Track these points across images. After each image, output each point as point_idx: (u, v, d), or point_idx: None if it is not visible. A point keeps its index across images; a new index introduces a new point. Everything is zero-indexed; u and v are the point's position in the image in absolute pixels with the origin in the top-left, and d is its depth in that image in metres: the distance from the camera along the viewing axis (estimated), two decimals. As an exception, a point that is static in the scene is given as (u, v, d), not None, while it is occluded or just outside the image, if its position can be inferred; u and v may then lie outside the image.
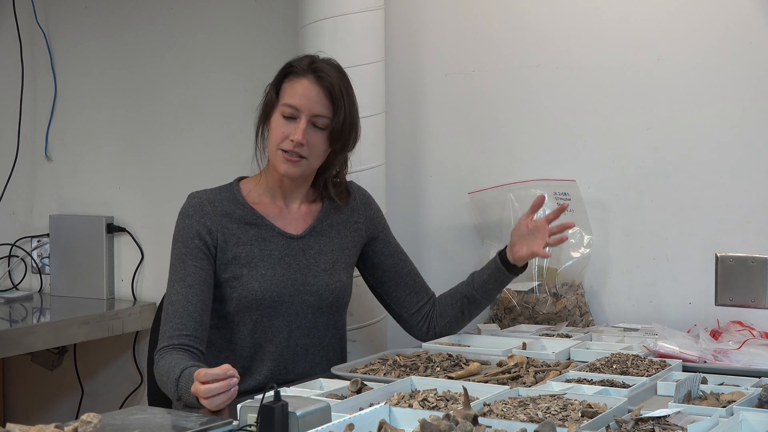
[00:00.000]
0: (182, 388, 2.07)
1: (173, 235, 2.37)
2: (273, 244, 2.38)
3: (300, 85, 2.34)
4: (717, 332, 2.53)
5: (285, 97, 2.34)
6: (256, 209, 2.40)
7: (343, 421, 1.59)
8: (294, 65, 2.37)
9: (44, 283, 3.81)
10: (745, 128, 2.67)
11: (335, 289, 2.42)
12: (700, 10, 2.71)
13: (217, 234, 2.34)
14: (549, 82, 2.90)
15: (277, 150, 2.34)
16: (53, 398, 3.87)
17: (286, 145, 2.33)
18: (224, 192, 2.41)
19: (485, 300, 2.53)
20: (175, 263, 2.33)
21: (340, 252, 2.45)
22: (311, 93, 2.34)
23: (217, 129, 3.46)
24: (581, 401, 1.77)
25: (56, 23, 3.78)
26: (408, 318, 2.56)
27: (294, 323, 2.37)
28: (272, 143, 2.36)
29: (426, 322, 2.55)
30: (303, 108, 2.33)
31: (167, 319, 2.26)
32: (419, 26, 3.08)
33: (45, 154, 3.83)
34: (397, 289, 2.55)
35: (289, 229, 2.41)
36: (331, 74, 2.36)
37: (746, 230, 2.66)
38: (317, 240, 2.43)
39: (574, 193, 2.80)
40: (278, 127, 2.34)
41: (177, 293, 2.28)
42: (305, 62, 2.37)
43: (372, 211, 2.54)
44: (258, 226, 2.38)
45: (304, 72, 2.35)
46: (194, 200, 2.38)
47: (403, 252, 2.59)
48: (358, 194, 2.54)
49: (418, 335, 2.57)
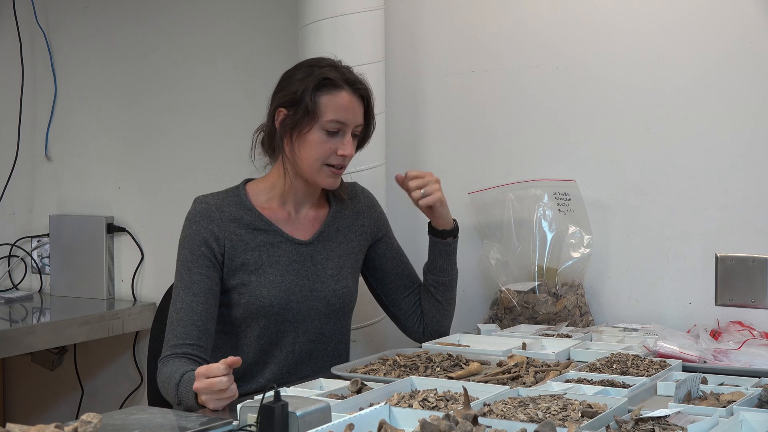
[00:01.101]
0: (182, 391, 2.06)
1: (179, 241, 2.34)
2: (281, 251, 2.37)
3: (342, 99, 2.32)
4: (717, 332, 2.53)
5: (329, 113, 2.30)
6: (264, 214, 2.38)
7: (343, 421, 1.59)
8: (329, 77, 2.31)
9: (44, 283, 3.81)
10: (745, 128, 2.67)
11: (342, 294, 2.41)
12: (701, 10, 2.71)
13: (224, 241, 2.32)
14: (549, 82, 2.90)
15: (322, 165, 2.32)
16: (53, 398, 3.87)
17: (335, 160, 2.32)
18: (231, 196, 2.38)
19: (447, 276, 2.53)
20: (180, 270, 2.31)
21: (347, 257, 2.45)
22: (354, 106, 2.34)
23: (217, 129, 3.46)
24: (581, 401, 1.77)
25: (56, 23, 3.78)
26: (405, 320, 2.56)
27: (300, 329, 2.37)
28: (312, 158, 2.32)
29: (419, 322, 2.56)
30: (350, 122, 2.33)
31: (171, 327, 2.25)
32: (419, 26, 3.08)
33: (45, 154, 3.83)
34: (396, 291, 2.55)
35: (297, 234, 2.40)
36: (362, 83, 2.37)
37: (746, 230, 2.66)
38: (324, 245, 2.42)
39: (574, 193, 2.80)
40: (323, 143, 2.31)
41: (182, 301, 2.27)
42: (335, 73, 2.33)
43: (376, 213, 2.55)
44: (266, 232, 2.37)
45: (341, 84, 2.33)
46: (201, 206, 2.35)
47: (404, 254, 2.60)
48: (363, 196, 2.54)
49: (416, 336, 2.58)
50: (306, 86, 2.31)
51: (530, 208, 2.81)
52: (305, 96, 2.30)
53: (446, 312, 2.56)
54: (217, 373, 1.93)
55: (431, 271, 2.53)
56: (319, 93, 2.31)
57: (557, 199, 2.79)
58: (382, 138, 2.95)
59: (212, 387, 1.93)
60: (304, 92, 2.30)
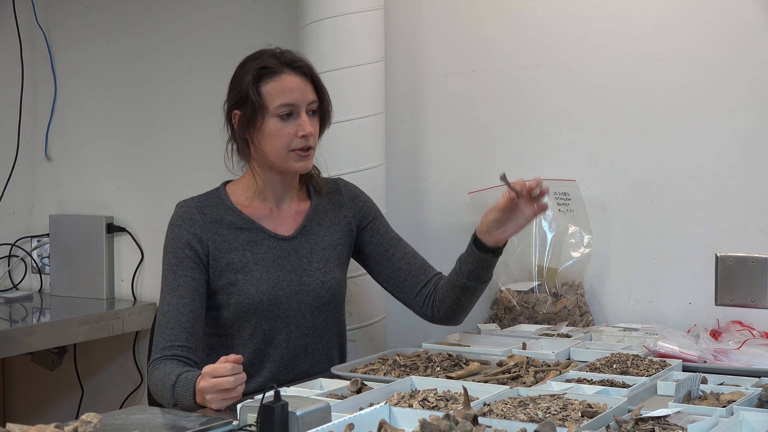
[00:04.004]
0: (178, 392, 2.06)
1: (164, 246, 2.35)
2: (265, 247, 2.37)
3: (284, 82, 2.32)
4: (717, 332, 2.53)
5: (276, 99, 2.31)
6: (245, 212, 2.38)
7: (343, 421, 1.59)
8: (266, 66, 2.33)
9: (44, 283, 3.81)
10: (745, 128, 2.67)
11: (331, 286, 2.41)
12: (700, 10, 2.71)
13: (207, 242, 2.33)
14: (549, 82, 2.90)
15: (288, 152, 2.32)
16: (53, 398, 3.87)
17: (297, 143, 2.31)
18: (212, 198, 2.40)
19: (478, 284, 2.38)
20: (166, 274, 2.32)
21: (332, 249, 2.44)
22: (299, 85, 2.32)
23: (217, 129, 3.43)
24: (581, 401, 1.77)
25: (56, 23, 3.78)
26: (411, 303, 2.49)
27: (293, 324, 2.37)
28: (276, 148, 2.32)
29: (429, 306, 2.45)
30: (299, 101, 2.32)
31: (159, 330, 2.26)
32: (419, 26, 3.08)
33: (45, 154, 3.83)
34: (393, 275, 2.49)
35: (279, 230, 2.40)
36: (303, 60, 2.37)
37: (746, 230, 2.66)
38: (308, 239, 2.42)
39: (574, 193, 2.80)
40: (280, 130, 2.31)
41: (169, 304, 2.27)
42: (271, 60, 2.33)
43: (360, 204, 2.52)
44: (248, 230, 2.37)
45: (280, 68, 2.33)
46: (182, 209, 2.37)
47: (396, 238, 2.52)
48: (345, 190, 2.53)
49: (428, 319, 2.49)
50: (248, 81, 2.33)
51: (530, 208, 2.81)
52: (249, 91, 2.32)
53: (462, 311, 2.44)
54: (223, 372, 1.93)
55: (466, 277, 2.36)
56: (261, 84, 2.32)
57: (557, 199, 2.80)
58: (382, 138, 2.95)
59: (218, 386, 1.93)
60: (247, 88, 2.32)
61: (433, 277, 2.47)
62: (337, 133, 2.72)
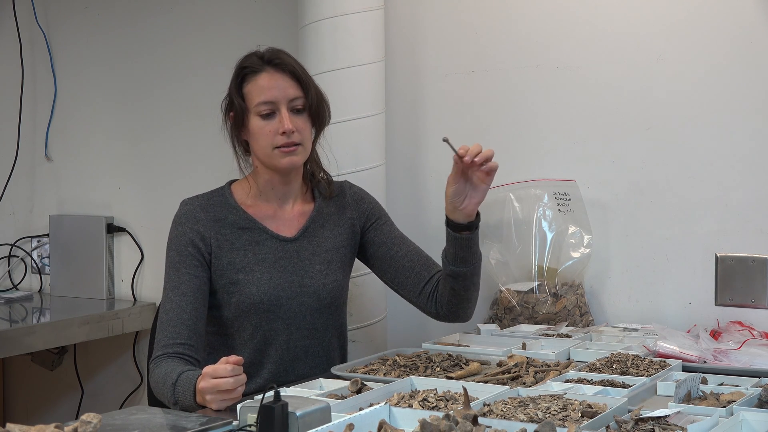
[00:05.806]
0: (179, 392, 2.06)
1: (167, 243, 2.36)
2: (267, 248, 2.37)
3: (263, 80, 2.34)
4: (717, 332, 2.53)
5: (254, 98, 2.33)
6: (249, 212, 2.39)
7: (343, 421, 1.59)
8: (247, 66, 2.36)
9: (44, 283, 3.81)
10: (746, 128, 2.67)
11: (332, 289, 2.41)
12: (700, 10, 2.71)
13: (210, 240, 2.33)
14: (549, 82, 2.90)
15: (273, 149, 2.33)
16: (53, 398, 3.87)
17: (279, 140, 2.32)
18: (216, 197, 2.40)
19: (465, 268, 2.34)
20: (169, 271, 2.32)
21: (334, 251, 2.44)
22: (278, 82, 2.33)
23: (217, 129, 3.44)
24: (581, 401, 1.77)
25: (56, 23, 3.78)
26: (416, 301, 2.47)
27: (293, 325, 2.37)
28: (262, 147, 2.33)
29: (432, 302, 2.43)
30: (278, 98, 2.32)
31: (161, 327, 2.26)
32: (419, 26, 3.08)
33: (45, 154, 3.83)
34: (397, 274, 2.47)
35: (282, 231, 2.40)
36: (285, 57, 2.37)
37: (746, 230, 2.66)
38: (311, 241, 2.42)
39: (574, 193, 2.80)
40: (262, 129, 2.33)
41: (171, 301, 2.27)
42: (254, 59, 2.36)
43: (364, 205, 2.52)
44: (251, 230, 2.37)
45: (260, 66, 2.35)
46: (186, 207, 2.38)
47: (400, 237, 2.50)
48: (350, 192, 2.53)
49: (434, 316, 2.47)
50: (233, 84, 2.38)
51: (530, 208, 2.81)
52: (234, 93, 2.37)
53: (462, 301, 2.40)
54: (223, 373, 1.93)
55: (452, 263, 2.34)
56: (243, 85, 2.36)
57: (557, 199, 2.79)
58: (382, 138, 2.95)
59: (218, 387, 1.93)
60: (232, 89, 2.37)
61: (435, 274, 2.45)
62: (337, 133, 2.72)
